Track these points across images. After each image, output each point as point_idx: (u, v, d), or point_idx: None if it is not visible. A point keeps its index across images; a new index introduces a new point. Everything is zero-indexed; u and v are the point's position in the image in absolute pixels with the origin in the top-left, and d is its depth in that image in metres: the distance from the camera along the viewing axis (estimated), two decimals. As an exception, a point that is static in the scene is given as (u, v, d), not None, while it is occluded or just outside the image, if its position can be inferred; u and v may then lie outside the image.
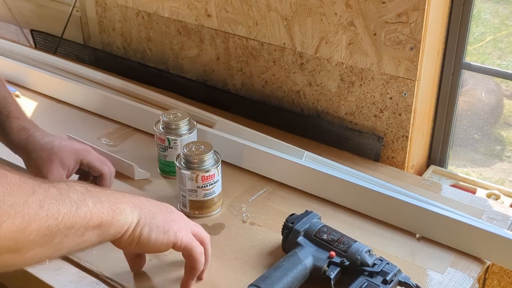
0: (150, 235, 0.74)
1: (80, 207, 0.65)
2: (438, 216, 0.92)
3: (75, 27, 1.59)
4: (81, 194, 0.66)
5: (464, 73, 1.11)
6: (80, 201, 0.65)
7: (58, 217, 0.62)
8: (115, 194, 0.72)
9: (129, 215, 0.72)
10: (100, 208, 0.68)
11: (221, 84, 1.35)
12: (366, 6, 1.05)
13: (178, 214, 0.80)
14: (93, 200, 0.67)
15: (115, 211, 0.70)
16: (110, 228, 0.69)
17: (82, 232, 0.66)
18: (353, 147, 1.16)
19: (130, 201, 0.73)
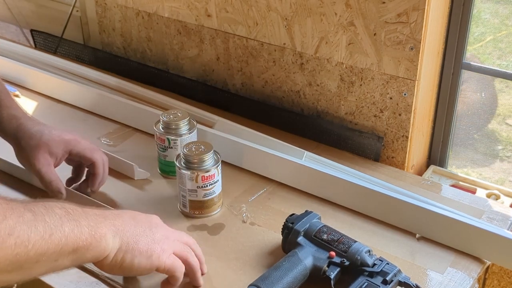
0: (133, 261, 0.73)
1: (55, 233, 0.63)
2: (438, 216, 0.92)
3: (75, 27, 1.59)
4: (59, 218, 0.64)
5: (464, 73, 1.11)
6: (56, 226, 0.63)
7: (28, 245, 0.60)
8: (97, 217, 0.70)
9: (110, 241, 0.70)
10: (78, 233, 0.66)
11: (221, 84, 1.35)
12: (366, 6, 1.05)
13: (161, 231, 0.78)
14: (71, 225, 0.65)
15: (94, 237, 0.68)
16: (86, 254, 0.68)
17: (55, 257, 0.64)
18: (353, 147, 1.16)
19: (112, 224, 0.71)
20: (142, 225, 0.76)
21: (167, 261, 0.76)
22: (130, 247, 0.73)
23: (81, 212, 0.69)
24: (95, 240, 0.68)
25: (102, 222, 0.70)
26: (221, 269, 0.86)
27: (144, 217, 0.78)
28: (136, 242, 0.74)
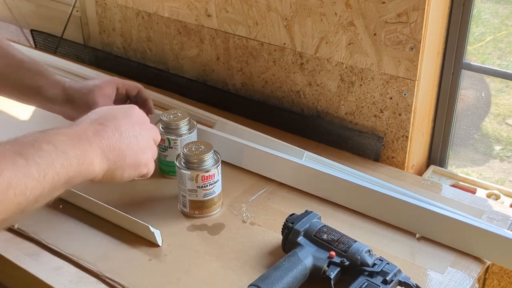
0: (123, 175, 0.77)
1: (48, 173, 0.65)
2: (438, 216, 0.92)
3: (75, 27, 1.59)
4: (48, 155, 0.66)
5: (464, 73, 1.11)
6: (48, 166, 0.65)
7: (26, 191, 0.63)
8: (83, 144, 0.71)
9: (98, 166, 0.73)
10: (68, 166, 0.68)
11: (221, 84, 1.35)
12: (366, 6, 1.05)
13: (145, 135, 0.80)
14: (60, 160, 0.67)
15: (82, 165, 0.70)
16: (76, 181, 0.70)
17: (50, 193, 0.67)
18: (353, 147, 1.16)
19: (98, 148, 0.73)
20: (127, 135, 0.77)
21: (150, 167, 0.83)
22: (119, 164, 0.76)
23: (67, 140, 0.69)
24: (84, 168, 0.70)
25: (88, 148, 0.71)
26: (221, 269, 0.86)
27: (126, 122, 0.78)
28: (123, 158, 0.76)
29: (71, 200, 1.00)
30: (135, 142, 0.78)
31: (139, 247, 0.91)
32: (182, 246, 0.91)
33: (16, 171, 0.62)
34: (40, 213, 0.98)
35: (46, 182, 0.65)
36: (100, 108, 0.81)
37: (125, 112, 0.80)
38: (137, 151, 0.78)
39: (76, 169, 0.69)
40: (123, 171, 0.77)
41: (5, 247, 0.91)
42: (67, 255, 0.89)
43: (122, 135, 0.77)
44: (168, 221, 0.97)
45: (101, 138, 0.74)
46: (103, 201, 0.97)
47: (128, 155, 0.77)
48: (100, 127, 0.75)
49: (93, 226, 0.95)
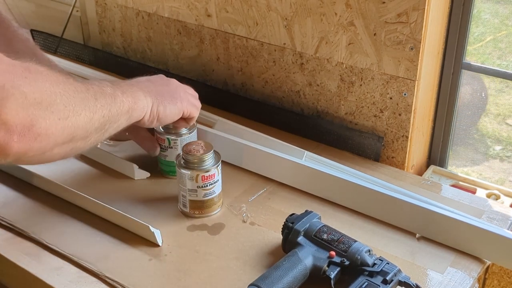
0: (166, 110, 0.92)
1: (115, 98, 0.82)
2: (438, 216, 0.92)
3: (75, 27, 1.59)
4: (111, 87, 0.82)
5: (464, 73, 1.11)
6: (114, 93, 0.82)
7: (107, 106, 0.79)
8: (129, 85, 0.88)
9: (144, 101, 0.88)
10: (126, 97, 0.84)
11: (221, 84, 1.35)
12: (366, 6, 1.05)
13: (175, 85, 0.98)
14: (120, 91, 0.84)
15: (135, 98, 0.86)
16: (133, 113, 0.86)
17: (118, 118, 0.83)
18: (353, 147, 1.16)
19: (141, 89, 0.89)
20: (158, 84, 0.95)
21: (187, 106, 0.97)
22: (160, 101, 0.91)
23: (121, 86, 0.86)
24: (136, 100, 0.87)
25: (134, 87, 0.88)
26: (221, 269, 0.86)
27: (156, 78, 0.97)
28: (163, 96, 0.93)
29: (71, 200, 1.00)
30: (166, 87, 0.95)
31: (139, 247, 0.91)
32: (182, 246, 0.91)
33: (95, 92, 0.79)
34: (40, 213, 0.98)
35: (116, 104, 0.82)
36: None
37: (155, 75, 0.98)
38: (170, 91, 0.95)
39: (132, 100, 0.86)
40: (165, 107, 0.92)
41: (5, 247, 0.91)
42: (67, 255, 0.89)
43: (155, 83, 0.94)
44: (168, 221, 0.97)
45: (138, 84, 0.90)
46: (103, 201, 0.97)
47: (164, 94, 0.93)
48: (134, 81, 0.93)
49: (93, 226, 0.95)
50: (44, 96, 0.69)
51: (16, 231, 0.94)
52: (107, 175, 1.09)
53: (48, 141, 0.70)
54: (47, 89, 0.70)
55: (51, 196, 1.02)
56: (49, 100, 0.69)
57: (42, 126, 0.68)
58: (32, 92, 0.67)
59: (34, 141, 0.68)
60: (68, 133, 0.72)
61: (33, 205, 1.00)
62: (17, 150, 0.67)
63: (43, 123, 0.68)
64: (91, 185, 1.05)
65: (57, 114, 0.70)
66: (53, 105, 0.70)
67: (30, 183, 1.05)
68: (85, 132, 0.76)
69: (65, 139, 0.73)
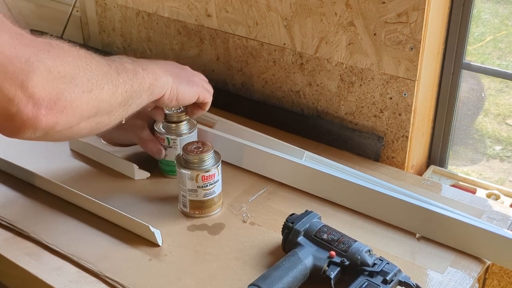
0: (184, 90, 0.93)
1: (136, 74, 0.83)
2: (438, 216, 0.92)
3: (75, 27, 1.59)
4: (131, 64, 0.84)
5: (464, 73, 1.11)
6: (135, 69, 0.83)
7: (129, 82, 0.81)
8: (149, 63, 0.89)
9: (164, 78, 0.90)
10: (147, 74, 0.86)
11: (221, 84, 1.35)
12: (366, 6, 1.05)
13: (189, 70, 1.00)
14: (141, 67, 0.85)
15: (155, 75, 0.88)
16: (155, 90, 0.88)
17: (140, 93, 0.84)
18: (353, 147, 1.16)
19: (161, 68, 0.90)
20: (174, 67, 0.96)
21: (202, 90, 0.98)
22: (178, 81, 0.93)
23: (141, 63, 0.87)
24: (156, 78, 0.88)
25: (154, 66, 0.90)
26: (221, 269, 0.86)
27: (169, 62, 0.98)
28: (181, 77, 0.94)
29: (71, 200, 1.00)
30: (182, 71, 0.97)
31: (139, 247, 0.91)
32: (182, 246, 0.91)
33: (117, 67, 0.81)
34: (40, 213, 0.98)
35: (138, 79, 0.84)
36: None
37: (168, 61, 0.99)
38: (189, 76, 0.97)
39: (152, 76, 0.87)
40: (184, 88, 0.93)
41: (5, 247, 0.91)
42: (67, 255, 0.89)
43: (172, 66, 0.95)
44: (168, 221, 0.97)
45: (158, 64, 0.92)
46: (103, 201, 0.97)
47: (183, 77, 0.95)
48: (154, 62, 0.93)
49: (93, 226, 0.95)
50: (68, 69, 0.71)
51: (16, 231, 0.94)
52: (107, 175, 1.09)
53: (74, 114, 0.71)
54: (70, 63, 0.71)
55: (51, 196, 1.02)
56: (72, 73, 0.71)
57: (67, 99, 0.70)
58: (56, 66, 0.69)
59: (61, 114, 0.69)
60: (93, 105, 0.74)
61: (33, 205, 1.00)
62: (45, 123, 0.68)
63: (68, 96, 0.70)
64: (91, 185, 1.05)
65: (81, 87, 0.72)
66: (76, 79, 0.71)
67: (30, 183, 1.05)
68: (110, 106, 0.78)
69: (91, 112, 0.74)
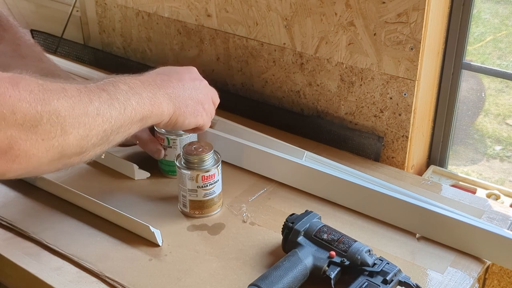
0: (184, 121, 0.88)
1: (127, 107, 0.76)
2: (438, 216, 0.92)
3: (75, 27, 1.60)
4: (125, 93, 0.77)
5: (464, 73, 1.11)
6: (126, 101, 0.76)
7: (111, 120, 0.73)
8: (153, 88, 0.82)
9: (165, 108, 0.83)
10: (142, 105, 0.79)
11: (221, 84, 1.35)
12: (366, 6, 1.05)
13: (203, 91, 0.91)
14: (136, 98, 0.78)
15: (153, 106, 0.80)
16: (149, 120, 0.81)
17: (129, 127, 0.78)
18: (353, 147, 1.16)
19: (166, 93, 0.83)
20: (189, 87, 0.88)
21: (206, 120, 0.92)
22: (182, 111, 0.86)
23: (139, 84, 0.80)
24: (155, 109, 0.81)
25: (157, 92, 0.82)
26: (221, 269, 0.86)
27: (188, 77, 0.90)
28: (186, 105, 0.87)
29: (71, 200, 1.00)
30: (195, 94, 0.89)
31: (139, 247, 0.91)
32: (182, 246, 0.91)
33: (102, 102, 0.72)
34: (40, 213, 0.98)
35: (126, 114, 0.76)
36: (163, 67, 0.91)
37: (187, 69, 0.91)
38: (197, 102, 0.89)
39: (148, 108, 0.79)
40: (185, 118, 0.87)
41: (5, 247, 0.91)
42: (67, 255, 0.89)
43: (185, 86, 0.87)
44: (168, 221, 0.97)
45: (167, 86, 0.84)
46: (103, 201, 0.97)
47: (189, 104, 0.87)
48: (166, 77, 0.86)
49: (93, 226, 0.95)
50: (28, 116, 0.64)
51: (16, 231, 0.94)
52: (107, 175, 1.09)
53: (29, 162, 0.66)
54: (33, 108, 0.64)
55: (51, 196, 1.02)
56: (33, 120, 0.64)
57: (21, 148, 0.64)
58: (13, 113, 0.62)
59: (13, 162, 0.64)
60: (55, 152, 0.67)
61: (33, 205, 1.00)
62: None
63: (23, 145, 0.64)
64: (91, 185, 1.05)
65: (40, 135, 0.65)
66: (37, 126, 0.65)
67: (30, 183, 1.05)
68: (79, 149, 0.71)
69: (52, 158, 0.68)
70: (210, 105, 0.94)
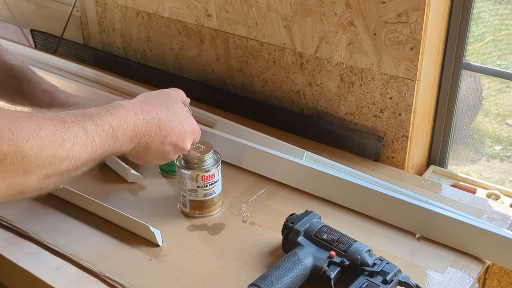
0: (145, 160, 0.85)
1: (98, 150, 0.74)
2: (438, 216, 0.92)
3: (75, 27, 1.59)
4: (105, 136, 0.74)
5: (464, 73, 1.11)
6: (101, 144, 0.74)
7: (78, 162, 0.71)
8: (132, 134, 0.79)
9: (127, 145, 0.80)
10: (113, 148, 0.76)
11: (221, 84, 1.35)
12: (366, 6, 1.05)
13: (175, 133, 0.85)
14: (111, 142, 0.75)
15: (115, 143, 0.77)
16: (107, 155, 0.77)
17: (89, 164, 0.75)
18: (353, 147, 1.16)
19: (132, 131, 0.79)
20: (166, 128, 0.84)
21: (174, 157, 0.88)
22: (142, 155, 0.84)
23: (124, 127, 0.78)
24: (117, 146, 0.78)
25: (125, 128, 0.78)
26: (221, 269, 0.86)
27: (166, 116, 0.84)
28: (148, 147, 0.83)
29: (71, 200, 1.00)
30: (168, 137, 0.84)
31: (139, 247, 0.91)
32: (182, 246, 0.91)
33: (75, 144, 0.70)
34: (40, 213, 0.98)
35: (94, 156, 0.74)
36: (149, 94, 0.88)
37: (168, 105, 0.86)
38: (166, 142, 0.84)
39: (110, 146, 0.76)
40: (148, 163, 0.87)
41: (5, 247, 0.91)
42: (67, 255, 0.89)
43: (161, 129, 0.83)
44: (168, 221, 0.97)
45: (143, 132, 0.81)
46: (103, 201, 0.97)
47: (154, 144, 0.83)
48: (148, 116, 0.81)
49: (93, 226, 0.95)
50: None
51: (16, 231, 0.94)
52: (107, 175, 1.09)
53: None
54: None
55: (51, 196, 1.02)
56: None
57: None
58: None
59: None
60: (14, 190, 0.66)
61: (33, 205, 1.00)
62: None
63: None
64: (91, 185, 1.05)
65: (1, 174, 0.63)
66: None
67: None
68: (40, 186, 0.69)
69: (10, 194, 0.66)
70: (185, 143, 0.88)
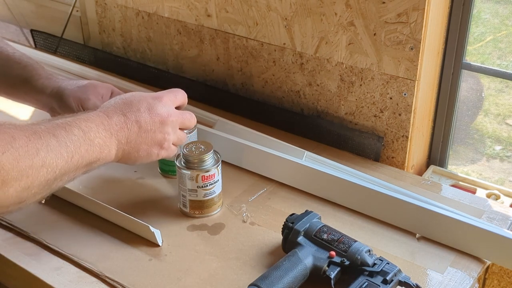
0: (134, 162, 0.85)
1: (75, 155, 0.73)
2: (438, 216, 0.92)
3: (75, 27, 1.59)
4: (77, 140, 0.74)
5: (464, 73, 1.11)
6: (75, 149, 0.73)
7: (56, 170, 0.70)
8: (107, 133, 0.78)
9: (114, 154, 0.80)
10: (91, 152, 0.76)
11: (221, 84, 1.35)
12: (366, 6, 1.05)
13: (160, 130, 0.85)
14: (86, 145, 0.75)
15: (102, 152, 0.78)
16: (95, 165, 0.78)
17: (73, 174, 0.75)
18: (353, 147, 1.16)
19: (117, 140, 0.80)
20: (147, 129, 0.83)
21: (165, 154, 0.88)
22: (132, 155, 0.83)
23: (94, 128, 0.77)
24: (103, 155, 0.78)
25: (109, 139, 0.79)
26: (221, 269, 0.86)
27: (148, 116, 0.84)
28: (137, 150, 0.83)
29: (71, 200, 1.00)
30: (151, 136, 0.84)
31: (139, 247, 0.91)
32: (182, 246, 0.91)
33: (49, 151, 0.69)
34: (40, 213, 0.98)
35: (72, 163, 0.73)
36: (129, 94, 0.87)
37: (149, 104, 0.85)
38: (152, 144, 0.85)
39: (96, 155, 0.77)
40: (135, 161, 0.84)
41: (5, 247, 0.91)
42: (67, 255, 0.89)
43: (141, 130, 0.83)
44: (168, 221, 0.97)
45: (122, 132, 0.81)
46: (103, 201, 0.97)
47: (142, 149, 0.84)
48: (123, 119, 0.81)
49: (93, 226, 0.95)
50: None
51: (16, 231, 0.94)
52: (107, 175, 1.09)
53: None
54: None
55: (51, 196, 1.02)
56: None
57: None
58: None
59: None
60: None
61: (33, 205, 1.00)
62: None
63: None
64: (91, 185, 1.05)
65: None
66: None
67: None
68: (18, 200, 0.68)
69: None
70: (171, 140, 0.87)
